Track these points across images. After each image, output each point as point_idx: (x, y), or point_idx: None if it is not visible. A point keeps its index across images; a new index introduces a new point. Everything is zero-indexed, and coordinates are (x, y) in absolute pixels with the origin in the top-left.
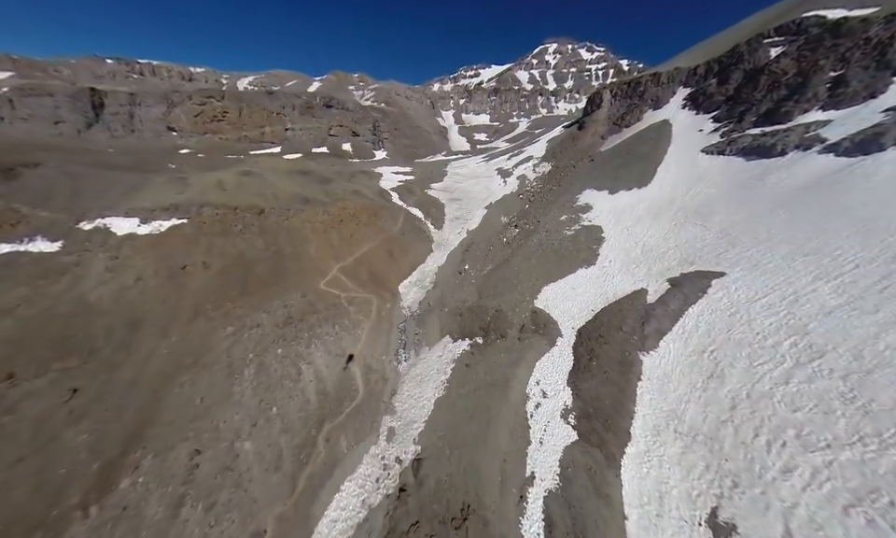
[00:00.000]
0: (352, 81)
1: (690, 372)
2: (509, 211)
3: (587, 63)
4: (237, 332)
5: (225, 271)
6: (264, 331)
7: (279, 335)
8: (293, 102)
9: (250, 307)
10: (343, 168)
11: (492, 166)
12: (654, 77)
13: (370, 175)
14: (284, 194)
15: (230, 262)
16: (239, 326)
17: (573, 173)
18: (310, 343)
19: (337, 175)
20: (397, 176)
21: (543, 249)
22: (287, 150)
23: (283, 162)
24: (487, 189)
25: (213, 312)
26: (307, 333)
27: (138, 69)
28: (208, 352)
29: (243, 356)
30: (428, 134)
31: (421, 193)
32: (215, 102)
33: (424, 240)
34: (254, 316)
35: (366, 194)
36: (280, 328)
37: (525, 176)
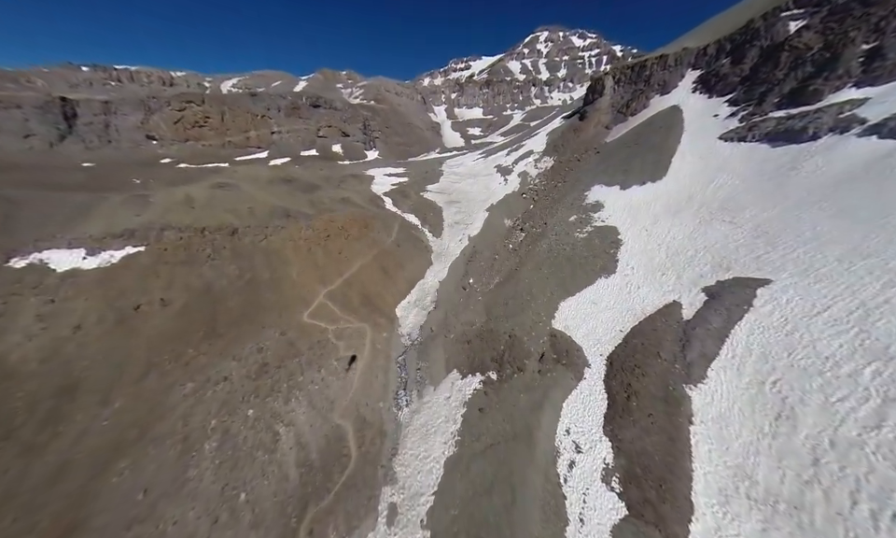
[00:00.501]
0: (340, 79)
1: (752, 411)
2: (512, 213)
3: (580, 50)
4: (199, 389)
5: (188, 308)
6: (232, 385)
7: (251, 390)
8: (278, 103)
9: (217, 354)
10: (332, 172)
11: (490, 163)
12: (661, 60)
13: (360, 178)
14: (262, 209)
15: (194, 297)
16: (201, 381)
17: (578, 167)
18: (289, 396)
19: (325, 180)
20: (390, 178)
21: (555, 257)
22: (275, 155)
23: (264, 169)
24: (487, 188)
25: (170, 364)
26: (286, 384)
27: (115, 76)
28: (160, 420)
29: (203, 423)
30: (421, 131)
31: (416, 197)
32: (195, 107)
33: (422, 251)
34: (221, 365)
35: (356, 202)
36: (253, 380)
37: (526, 174)
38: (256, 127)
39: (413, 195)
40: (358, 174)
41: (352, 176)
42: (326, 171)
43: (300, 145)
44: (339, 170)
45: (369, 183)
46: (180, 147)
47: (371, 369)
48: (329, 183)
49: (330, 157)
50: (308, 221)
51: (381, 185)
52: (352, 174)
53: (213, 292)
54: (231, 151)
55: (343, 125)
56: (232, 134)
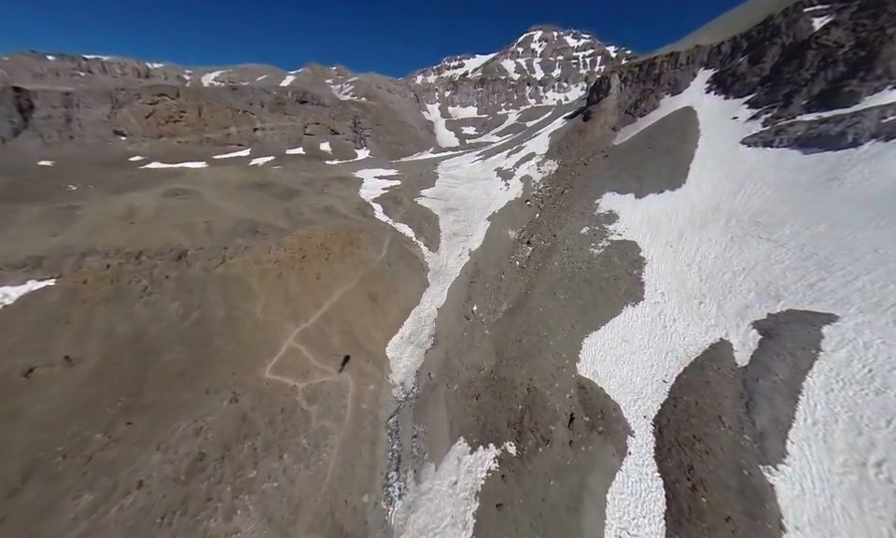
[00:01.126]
0: (329, 75)
1: (859, 511)
2: (516, 222)
3: (574, 50)
4: (99, 503)
5: (105, 368)
6: (150, 495)
7: (176, 501)
8: (262, 98)
9: (136, 440)
10: (316, 174)
11: (490, 166)
12: (671, 58)
13: (348, 182)
14: (223, 223)
15: (117, 350)
16: (105, 490)
17: (586, 172)
18: (233, 508)
19: (307, 185)
20: (380, 181)
21: (570, 278)
22: (258, 153)
23: (234, 172)
24: (487, 194)
25: (64, 460)
26: (230, 486)
27: (85, 66)
28: None
29: None
30: (414, 130)
31: (410, 204)
32: (168, 100)
33: (417, 270)
34: (138, 461)
35: (341, 211)
36: (181, 483)
37: (529, 178)
38: (237, 123)
39: (406, 202)
40: (346, 176)
41: (338, 180)
42: (309, 172)
43: (285, 143)
44: (324, 171)
45: (357, 187)
46: (153, 143)
47: (355, 441)
48: (312, 188)
49: (318, 156)
50: (280, 239)
51: (370, 189)
52: (338, 176)
53: (144, 341)
54: (209, 149)
55: (331, 122)
56: (211, 131)
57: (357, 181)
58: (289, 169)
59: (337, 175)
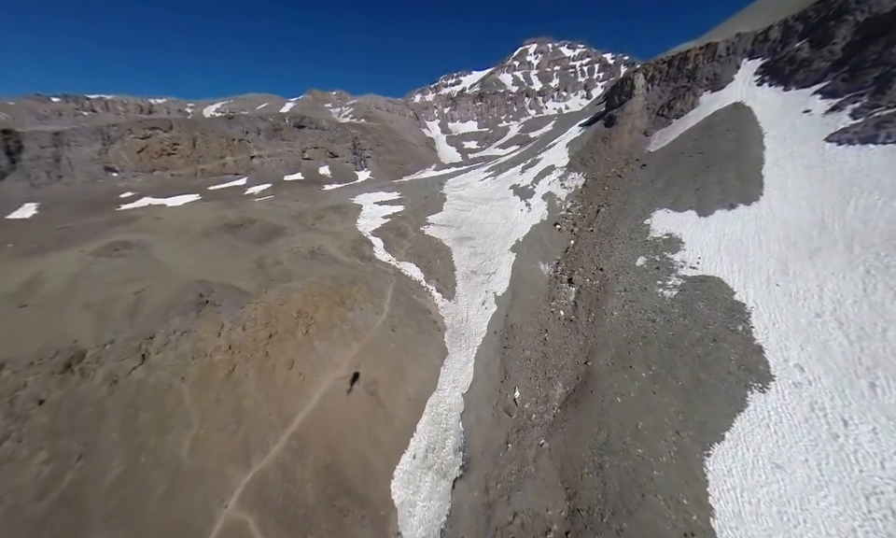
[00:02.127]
0: (329, 99)
1: None
2: (548, 253)
3: (570, 60)
4: None
5: None
6: None
7: None
8: (258, 125)
9: None
10: (309, 204)
11: (503, 183)
12: (707, 50)
13: (344, 211)
14: (163, 292)
15: None
16: None
17: (622, 185)
18: None
19: (295, 219)
20: (381, 207)
21: (644, 338)
22: (254, 181)
23: (205, 211)
24: (507, 218)
25: None
26: None
27: (89, 105)
28: None
29: None
30: (415, 147)
31: (416, 235)
32: (161, 133)
33: (430, 333)
34: None
35: (332, 254)
36: None
37: (553, 195)
38: (233, 152)
39: (411, 232)
40: (343, 204)
41: (333, 209)
42: (302, 202)
43: (283, 169)
44: (319, 200)
45: (354, 217)
46: (145, 178)
47: None
48: (300, 223)
49: (317, 180)
50: (240, 310)
51: (370, 219)
52: (334, 204)
53: None
54: (204, 180)
55: (330, 145)
56: (206, 162)
57: (354, 209)
58: (281, 199)
59: (333, 203)
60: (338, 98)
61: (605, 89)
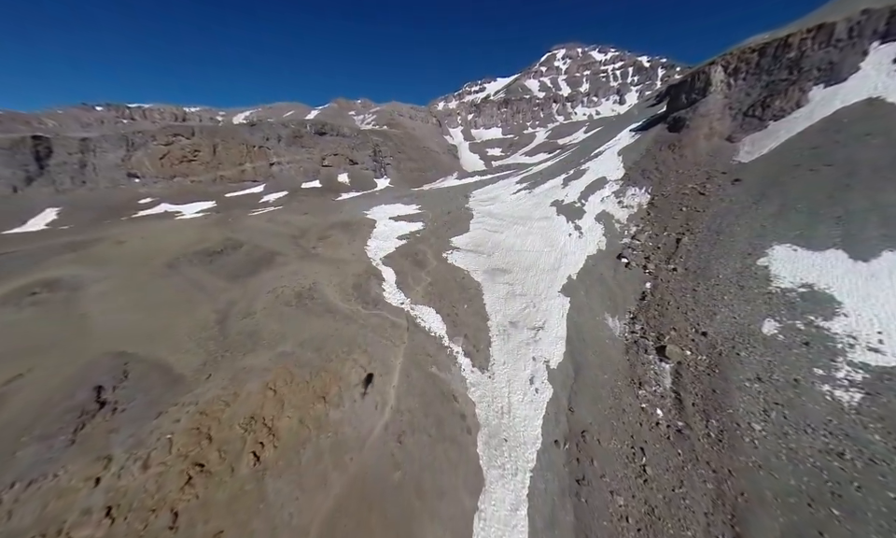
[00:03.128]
0: (354, 107)
1: None
2: (616, 299)
3: (601, 64)
4: None
5: None
6: None
7: None
8: (279, 132)
9: None
10: (316, 219)
11: (542, 198)
12: (819, 33)
13: (354, 228)
14: (53, 376)
15: None
16: None
17: (708, 205)
18: None
19: (294, 240)
20: (397, 225)
21: (839, 501)
22: (272, 188)
23: (185, 230)
24: (551, 244)
25: None
26: None
27: (128, 114)
28: None
29: None
30: (437, 155)
31: (437, 263)
32: (183, 140)
33: (454, 441)
34: None
35: (326, 296)
36: None
37: (609, 216)
38: (252, 159)
39: (430, 260)
40: (354, 219)
41: (341, 227)
42: (310, 216)
43: (301, 176)
44: (329, 213)
45: (365, 237)
46: (165, 184)
47: None
48: (300, 244)
49: (335, 188)
50: (152, 421)
51: (382, 240)
52: (344, 220)
53: None
54: (222, 187)
55: (350, 153)
56: (225, 168)
57: (366, 226)
58: (287, 211)
59: (343, 217)
60: (362, 106)
61: (659, 89)
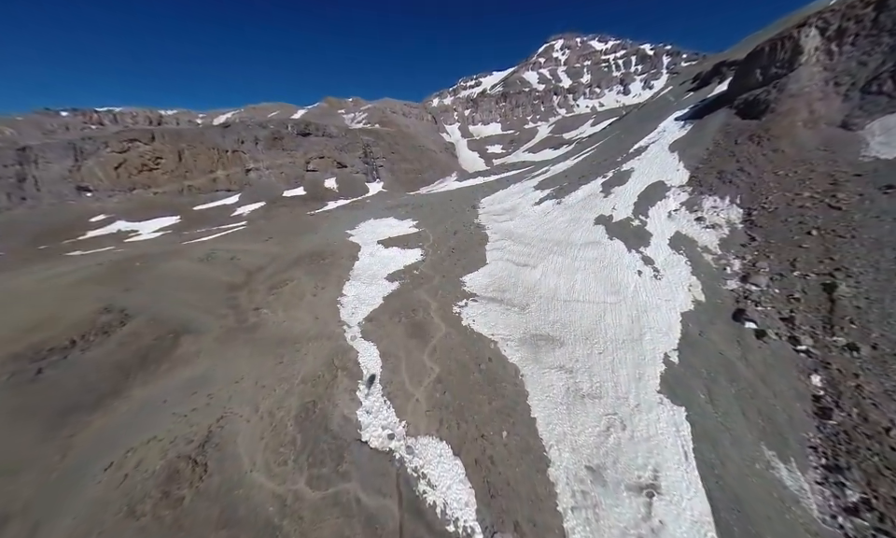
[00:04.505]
0: (344, 106)
1: None
2: (773, 416)
3: (602, 53)
4: None
5: None
6: None
7: None
8: (255, 134)
9: None
10: (279, 248)
11: (579, 211)
12: None
13: (326, 266)
14: None
15: None
16: None
17: (856, 225)
18: None
19: (229, 295)
20: (388, 252)
21: None
22: (248, 198)
23: (60, 286)
24: (614, 287)
25: None
26: None
27: (97, 119)
28: None
29: None
30: (434, 154)
31: (446, 326)
32: (141, 146)
33: None
34: None
35: (229, 469)
36: None
37: (691, 242)
38: (225, 165)
39: (436, 321)
40: (331, 246)
41: (310, 260)
42: (272, 243)
43: (283, 183)
44: (299, 236)
45: (339, 280)
46: (123, 197)
47: None
48: (234, 308)
49: (321, 196)
50: None
51: (365, 282)
52: (316, 249)
53: None
54: (190, 198)
55: (338, 154)
56: (194, 177)
57: (345, 257)
58: (243, 237)
59: (316, 244)
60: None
61: (695, 69)
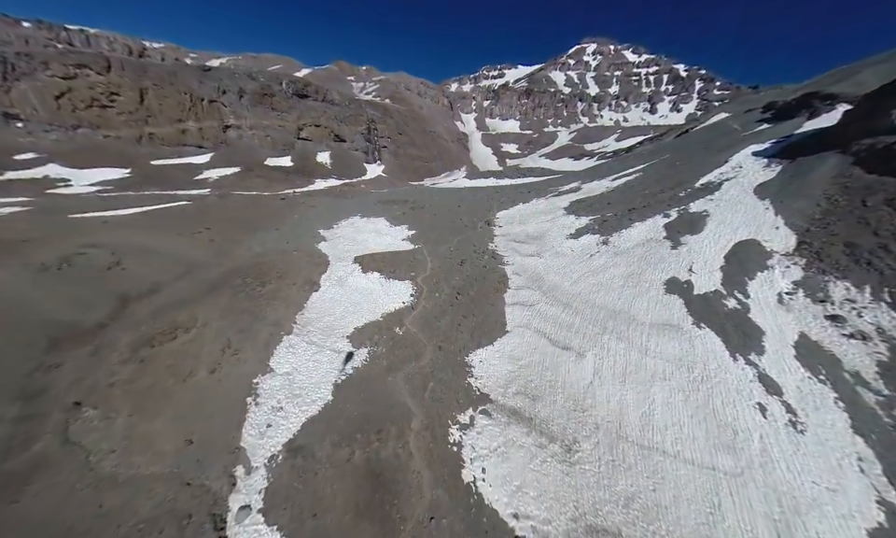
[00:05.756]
0: (356, 73)
1: None
2: None
3: (634, 66)
4: None
5: None
6: None
7: None
8: (241, 85)
9: None
10: (206, 252)
11: (637, 262)
12: None
13: (265, 300)
14: None
15: None
16: None
17: None
18: None
19: (36, 372)
20: (365, 279)
21: None
22: (222, 160)
23: None
24: (729, 442)
25: None
26: None
27: (65, 37)
28: None
29: None
30: (444, 142)
31: (436, 484)
32: (93, 75)
33: None
34: None
35: None
36: None
37: (837, 364)
38: (198, 116)
39: (415, 459)
40: (288, 258)
41: (244, 282)
42: (205, 239)
43: (267, 148)
44: (248, 235)
45: (269, 336)
46: (63, 136)
47: None
48: (28, 404)
49: (309, 170)
50: None
51: (312, 343)
52: (264, 260)
53: None
54: (150, 149)
55: (337, 126)
56: (158, 124)
57: (301, 281)
58: (176, 217)
59: (267, 253)
60: (366, 73)
61: (767, 98)
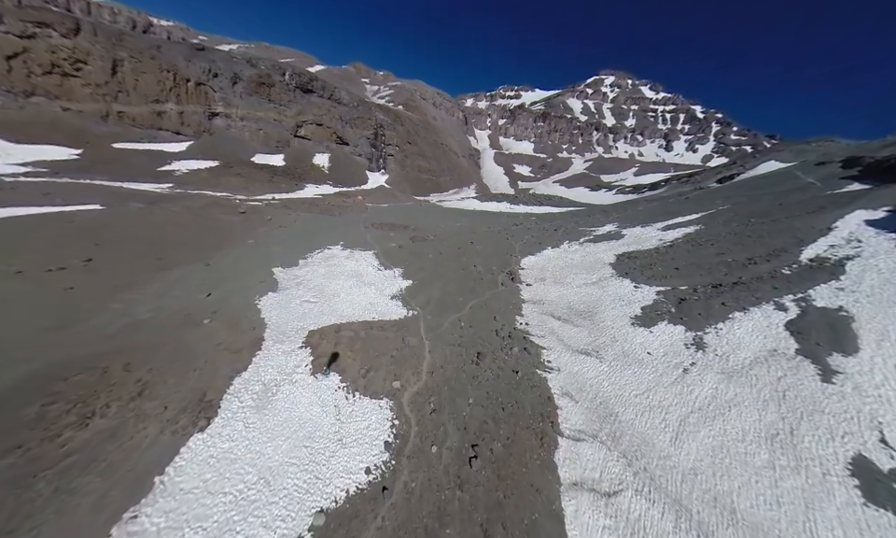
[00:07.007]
0: (372, 76)
1: None
2: None
3: (651, 102)
4: None
5: None
6: None
7: None
8: (236, 70)
9: None
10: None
11: (770, 409)
12: None
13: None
14: None
15: None
16: None
17: None
18: None
19: None
20: (313, 389)
21: None
22: (201, 151)
23: None
24: None
25: None
26: None
27: (63, 3)
28: None
29: None
30: (455, 157)
31: None
32: (55, 37)
33: None
34: None
35: None
36: None
37: None
38: (180, 98)
39: None
40: (176, 362)
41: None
42: (60, 287)
43: (258, 143)
44: (151, 277)
45: None
46: (11, 102)
47: None
48: None
49: (303, 173)
50: None
51: None
52: (133, 346)
53: None
54: (116, 129)
55: (341, 127)
56: (131, 102)
57: (215, 371)
58: (52, 238)
59: (202, 296)
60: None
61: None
